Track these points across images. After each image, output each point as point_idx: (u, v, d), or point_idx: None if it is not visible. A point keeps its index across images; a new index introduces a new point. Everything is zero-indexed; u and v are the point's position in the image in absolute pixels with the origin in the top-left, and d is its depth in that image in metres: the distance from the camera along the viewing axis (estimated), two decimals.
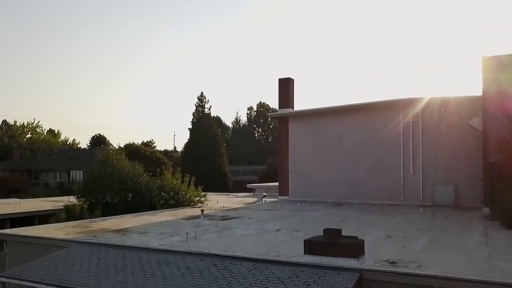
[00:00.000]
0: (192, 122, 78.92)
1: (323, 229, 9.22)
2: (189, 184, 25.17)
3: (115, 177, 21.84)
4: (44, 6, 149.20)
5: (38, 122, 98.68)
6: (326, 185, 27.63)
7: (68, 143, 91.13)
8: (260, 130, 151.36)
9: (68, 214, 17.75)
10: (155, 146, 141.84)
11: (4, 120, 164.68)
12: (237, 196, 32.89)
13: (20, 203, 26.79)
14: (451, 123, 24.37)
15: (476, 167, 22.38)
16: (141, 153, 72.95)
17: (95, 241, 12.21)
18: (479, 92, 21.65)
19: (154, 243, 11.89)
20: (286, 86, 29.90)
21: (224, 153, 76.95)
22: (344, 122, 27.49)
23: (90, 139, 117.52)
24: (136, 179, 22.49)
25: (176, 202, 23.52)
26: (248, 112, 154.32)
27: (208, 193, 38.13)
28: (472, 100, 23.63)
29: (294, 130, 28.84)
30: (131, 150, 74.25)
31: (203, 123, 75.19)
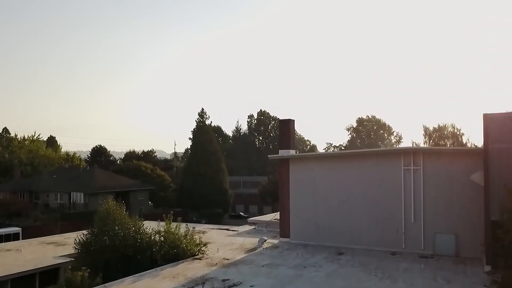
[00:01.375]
0: (193, 138, 78.92)
1: None
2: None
3: (116, 234, 21.76)
4: (44, 6, 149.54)
5: (38, 135, 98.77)
6: (327, 228, 27.57)
7: (68, 155, 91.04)
8: (261, 138, 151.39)
9: (69, 285, 17.69)
10: (155, 155, 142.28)
11: (5, 129, 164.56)
12: (237, 234, 32.76)
13: (21, 250, 26.71)
14: (452, 173, 24.30)
15: (478, 216, 22.38)
16: (141, 170, 72.82)
17: None
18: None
19: None
20: (286, 128, 29.86)
21: (224, 169, 76.87)
22: (345, 167, 27.42)
23: (90, 151, 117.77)
24: (137, 235, 22.41)
25: (177, 253, 23.45)
26: (248, 120, 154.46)
27: (208, 226, 38.09)
28: (474, 153, 23.60)
29: (295, 173, 28.76)
30: (131, 167, 74.28)
31: (204, 139, 75.16)
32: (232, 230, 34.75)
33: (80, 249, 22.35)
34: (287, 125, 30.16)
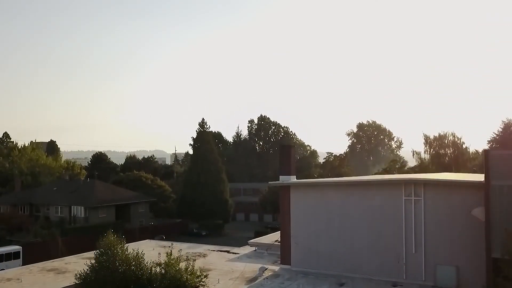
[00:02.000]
0: (193, 147, 79.02)
1: None
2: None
3: (117, 270, 21.71)
4: (44, 6, 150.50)
5: (39, 143, 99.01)
6: (328, 256, 27.52)
7: (69, 163, 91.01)
8: (261, 143, 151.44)
9: None
10: (155, 159, 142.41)
11: (5, 134, 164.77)
12: (238, 258, 32.69)
13: (21, 280, 26.69)
14: (453, 205, 24.26)
15: (479, 248, 22.40)
16: (142, 181, 72.83)
17: None
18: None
19: None
20: (287, 153, 29.85)
21: (225, 179, 76.87)
22: (346, 196, 27.39)
23: (91, 158, 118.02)
24: (138, 271, 22.35)
25: (178, 286, 23.35)
26: (249, 125, 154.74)
27: (208, 248, 37.92)
28: (476, 186, 23.56)
29: (296, 200, 28.73)
30: (131, 178, 74.30)
31: (204, 149, 75.17)
32: (233, 253, 34.71)
33: (81, 284, 22.30)
34: (288, 150, 30.16)
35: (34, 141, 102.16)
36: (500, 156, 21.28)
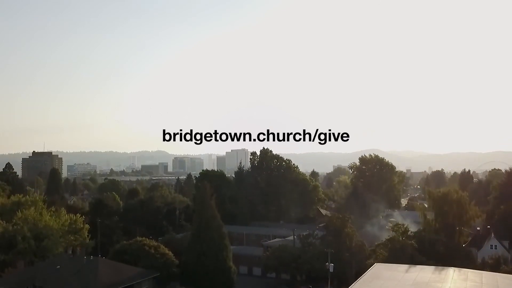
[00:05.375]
0: (195, 213, 79.07)
1: None
2: None
3: None
4: (44, 6, 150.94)
5: (41, 195, 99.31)
6: None
7: (72, 218, 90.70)
8: (264, 173, 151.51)
9: None
10: (163, 188, 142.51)
11: (8, 164, 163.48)
12: None
13: None
14: None
15: None
16: (145, 250, 72.73)
17: None
18: None
19: None
20: None
21: (228, 245, 76.59)
22: None
23: (91, 202, 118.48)
24: None
25: None
26: (251, 157, 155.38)
27: None
28: None
29: None
30: (134, 247, 74.22)
31: (208, 215, 74.97)
32: None
33: None
34: None
35: (37, 193, 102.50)
36: None
